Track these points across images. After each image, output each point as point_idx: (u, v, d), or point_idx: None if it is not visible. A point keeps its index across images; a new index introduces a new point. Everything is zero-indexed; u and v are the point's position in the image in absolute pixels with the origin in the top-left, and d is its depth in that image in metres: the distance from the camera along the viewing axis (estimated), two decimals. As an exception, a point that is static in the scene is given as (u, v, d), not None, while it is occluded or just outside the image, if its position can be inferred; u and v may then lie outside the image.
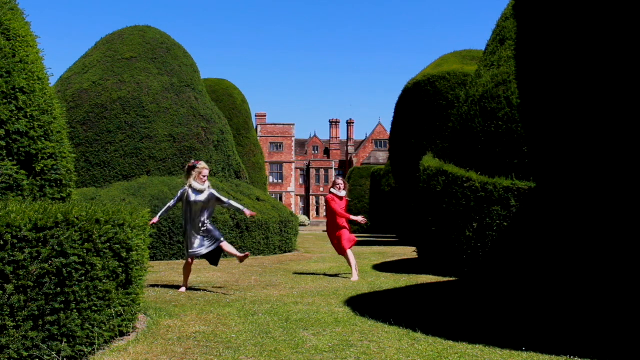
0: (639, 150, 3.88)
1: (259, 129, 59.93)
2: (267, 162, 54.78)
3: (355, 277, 8.28)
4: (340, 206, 8.48)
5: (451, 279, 8.26)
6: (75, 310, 3.65)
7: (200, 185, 7.03)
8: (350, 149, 66.23)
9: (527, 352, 3.95)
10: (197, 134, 14.36)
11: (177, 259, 11.93)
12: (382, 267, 10.29)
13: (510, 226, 7.79)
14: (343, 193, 8.55)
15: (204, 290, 7.21)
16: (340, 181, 8.67)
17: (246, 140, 23.61)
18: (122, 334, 4.36)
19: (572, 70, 4.33)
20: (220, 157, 14.99)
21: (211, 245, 7.07)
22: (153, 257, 11.33)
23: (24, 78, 4.69)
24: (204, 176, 7.08)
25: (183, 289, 7.08)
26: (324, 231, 36.81)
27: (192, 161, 7.23)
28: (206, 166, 7.20)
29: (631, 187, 4.00)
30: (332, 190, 8.60)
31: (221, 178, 14.64)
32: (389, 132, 22.48)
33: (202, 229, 7.05)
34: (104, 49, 14.92)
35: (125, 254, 4.23)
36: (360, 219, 8.43)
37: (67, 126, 5.61)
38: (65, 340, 3.57)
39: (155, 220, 6.84)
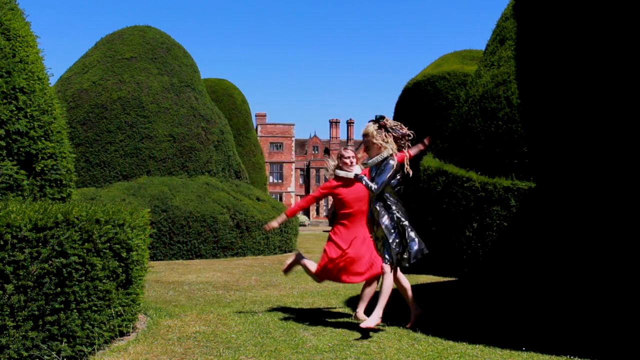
0: (639, 150, 3.88)
1: (259, 129, 59.91)
2: (267, 162, 54.73)
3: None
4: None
5: (451, 279, 8.26)
6: (75, 310, 3.65)
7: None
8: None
9: (527, 352, 3.95)
10: (197, 134, 14.36)
11: (177, 258, 11.94)
12: (382, 267, 10.28)
13: (510, 226, 7.79)
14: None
15: (204, 290, 7.20)
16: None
17: (246, 140, 23.62)
18: (122, 334, 4.36)
19: (571, 70, 4.33)
20: (220, 157, 14.99)
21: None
22: (153, 257, 11.33)
23: (24, 78, 4.68)
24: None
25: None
26: (324, 231, 36.82)
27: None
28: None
29: (631, 187, 4.00)
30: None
31: (221, 178, 14.64)
32: (389, 132, 22.43)
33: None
34: (104, 49, 14.92)
35: (125, 254, 4.23)
36: None
37: (67, 126, 5.60)
38: (65, 340, 3.57)
39: None
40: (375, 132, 4.83)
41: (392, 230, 4.72)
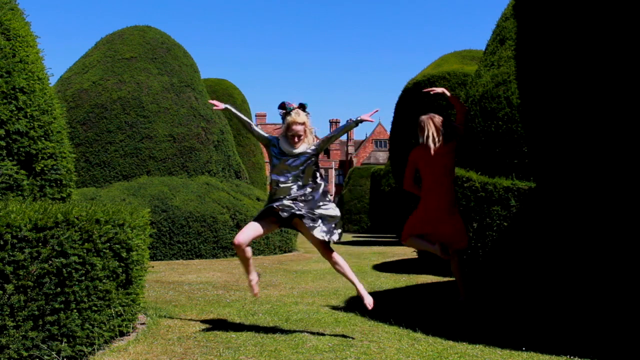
0: (639, 151, 3.88)
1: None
2: (267, 162, 54.74)
3: None
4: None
5: (451, 279, 8.26)
6: (75, 310, 3.65)
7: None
8: (350, 149, 66.21)
9: (527, 352, 3.95)
10: (197, 134, 14.36)
11: (177, 258, 11.94)
12: (382, 267, 10.29)
13: (510, 226, 7.79)
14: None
15: (204, 290, 7.20)
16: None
17: (246, 140, 23.62)
18: (122, 334, 4.36)
19: (571, 71, 4.33)
20: (220, 157, 14.99)
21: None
22: (153, 257, 11.33)
23: (24, 78, 4.68)
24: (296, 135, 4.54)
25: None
26: (324, 231, 36.80)
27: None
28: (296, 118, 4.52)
29: (631, 187, 4.00)
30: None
31: (221, 178, 14.64)
32: (389, 132, 22.49)
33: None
34: (104, 49, 14.92)
35: (125, 254, 4.23)
36: None
37: (67, 126, 5.61)
38: (65, 340, 3.57)
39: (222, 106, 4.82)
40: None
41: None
